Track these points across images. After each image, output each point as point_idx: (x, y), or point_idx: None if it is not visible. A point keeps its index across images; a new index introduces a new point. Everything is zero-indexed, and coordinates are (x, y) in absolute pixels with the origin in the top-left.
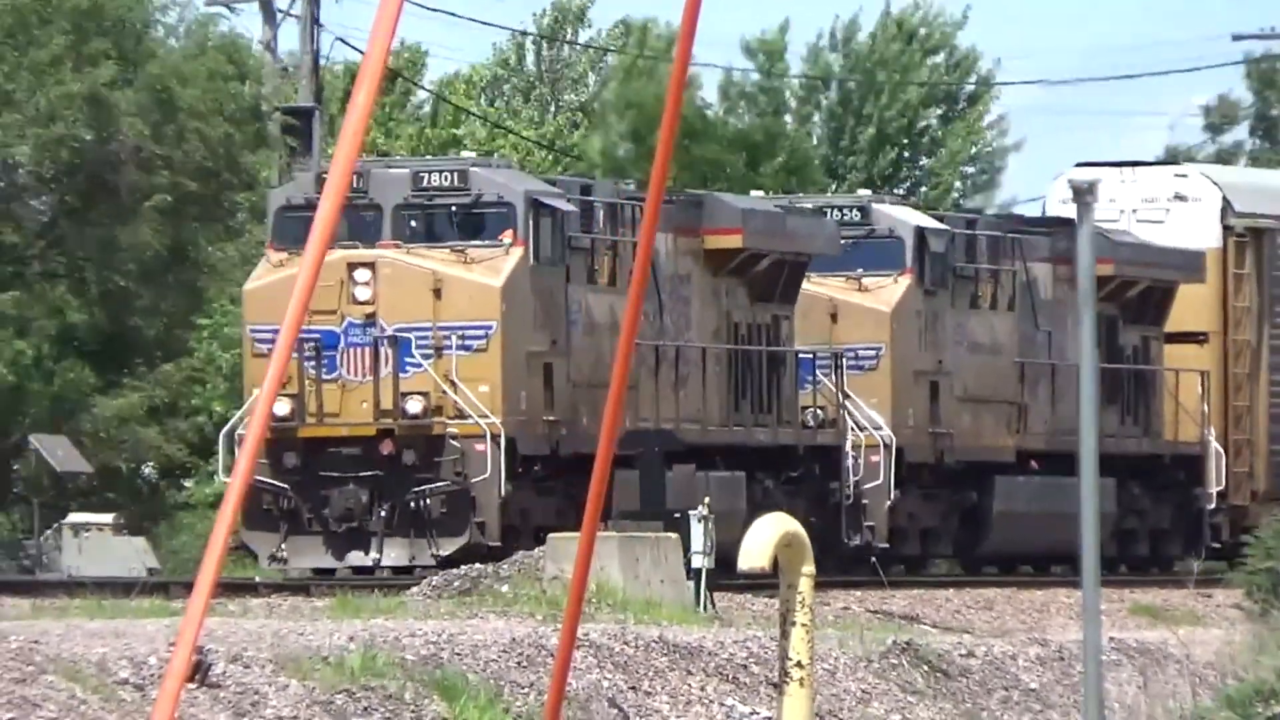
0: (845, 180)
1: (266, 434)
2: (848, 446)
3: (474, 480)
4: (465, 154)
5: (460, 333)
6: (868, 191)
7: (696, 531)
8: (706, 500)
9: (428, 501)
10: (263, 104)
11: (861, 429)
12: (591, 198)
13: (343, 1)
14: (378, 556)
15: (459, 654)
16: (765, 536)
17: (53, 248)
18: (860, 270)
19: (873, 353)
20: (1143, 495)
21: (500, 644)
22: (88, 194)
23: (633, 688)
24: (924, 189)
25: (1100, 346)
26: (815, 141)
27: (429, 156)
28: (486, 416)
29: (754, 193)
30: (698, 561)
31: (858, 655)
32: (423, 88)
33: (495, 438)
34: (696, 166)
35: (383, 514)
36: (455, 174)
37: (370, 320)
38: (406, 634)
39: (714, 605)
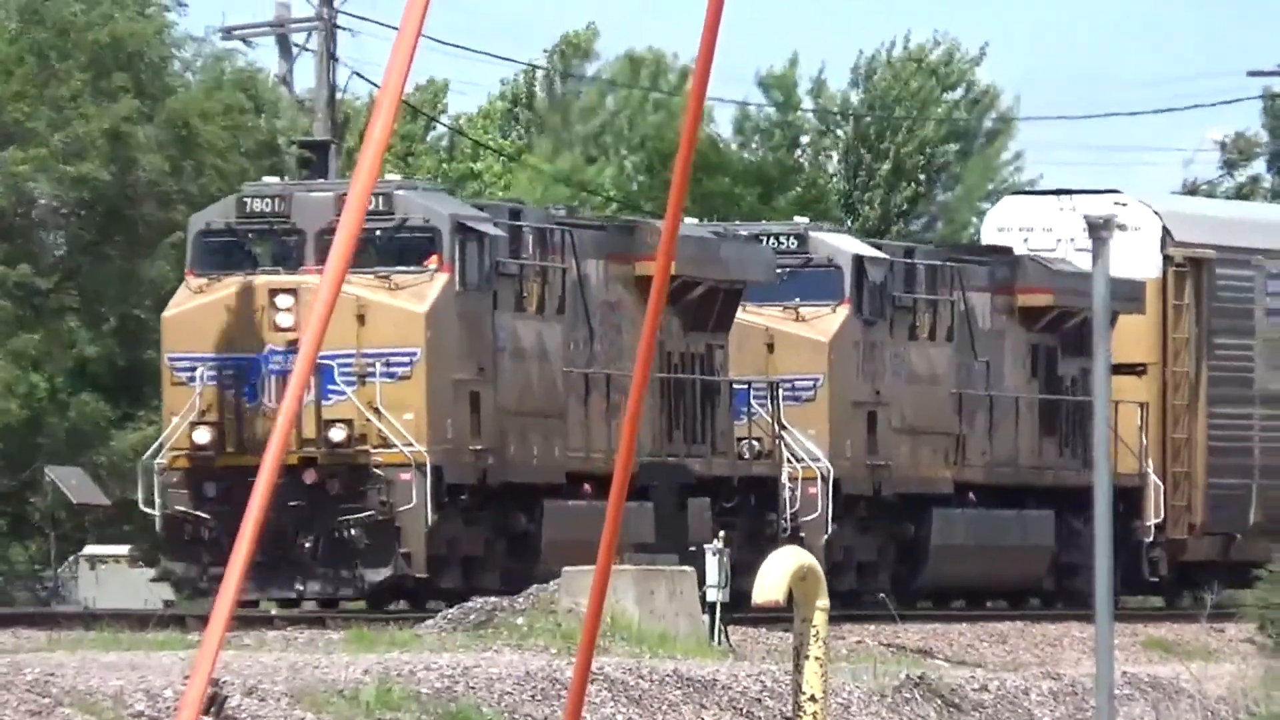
0: (859, 215)
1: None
2: (784, 478)
3: (399, 510)
4: (390, 176)
5: (384, 360)
6: (804, 219)
7: (711, 565)
8: (722, 534)
9: (352, 532)
10: (279, 138)
11: (799, 460)
12: (520, 222)
13: (358, 35)
14: (301, 588)
15: (473, 687)
16: (780, 571)
17: (68, 281)
18: (798, 299)
19: (810, 383)
20: (1082, 528)
21: (515, 677)
22: (105, 229)
23: None
24: (939, 224)
25: (1038, 378)
26: (831, 176)
27: (346, 177)
28: (411, 445)
29: (688, 219)
30: (713, 595)
31: (871, 689)
32: (440, 122)
33: (420, 467)
34: (709, 200)
35: (306, 545)
36: (380, 197)
37: (292, 347)
38: (421, 667)
39: (729, 639)
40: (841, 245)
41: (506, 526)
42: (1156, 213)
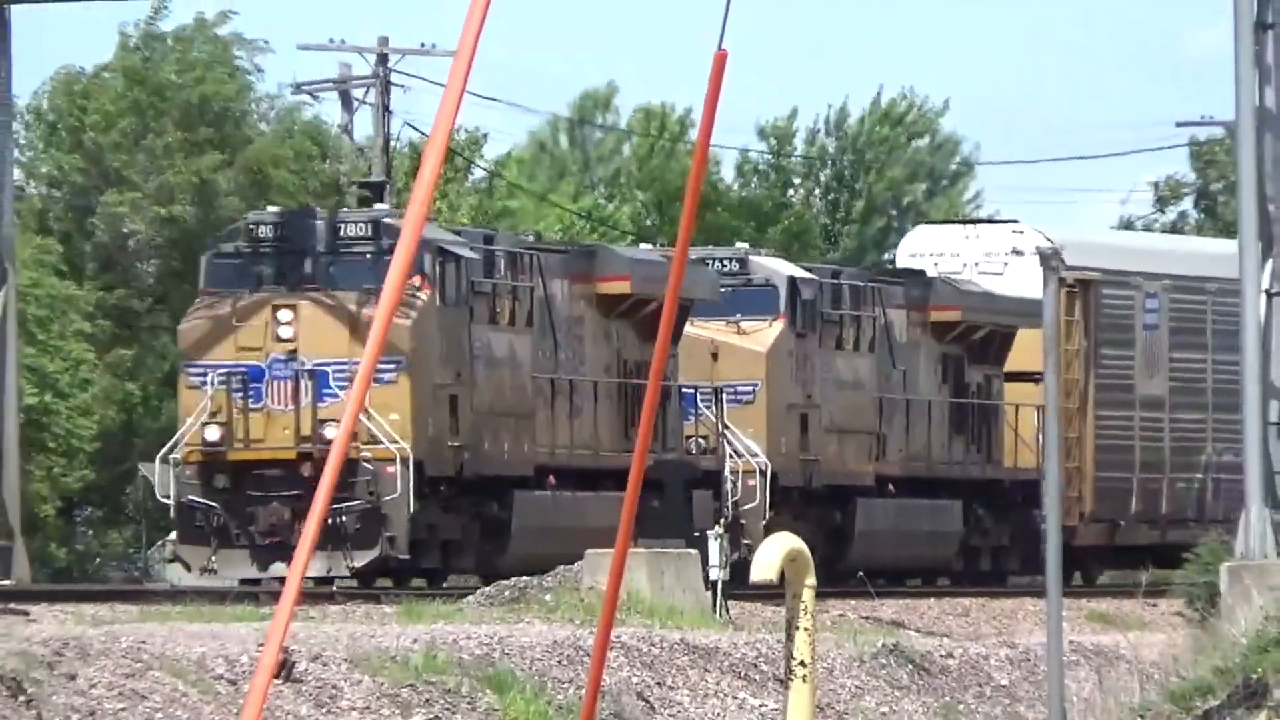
0: (840, 245)
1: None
2: (727, 471)
3: (385, 499)
4: (378, 207)
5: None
6: (745, 245)
7: (713, 548)
8: (722, 521)
9: (343, 518)
10: (341, 179)
11: (740, 456)
12: (493, 247)
13: (410, 91)
14: None
15: (508, 653)
16: (774, 553)
17: (159, 304)
18: (739, 315)
19: (750, 388)
20: (986, 516)
21: (544, 645)
22: (189, 259)
23: (658, 683)
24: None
25: (947, 383)
26: (815, 211)
27: (346, 209)
28: (396, 442)
29: (644, 245)
30: (714, 574)
31: (852, 656)
32: (480, 165)
33: (405, 461)
34: (710, 230)
35: (302, 529)
36: (369, 224)
37: (292, 356)
38: (463, 636)
39: (729, 612)
40: (777, 268)
41: (481, 514)
42: (1049, 240)
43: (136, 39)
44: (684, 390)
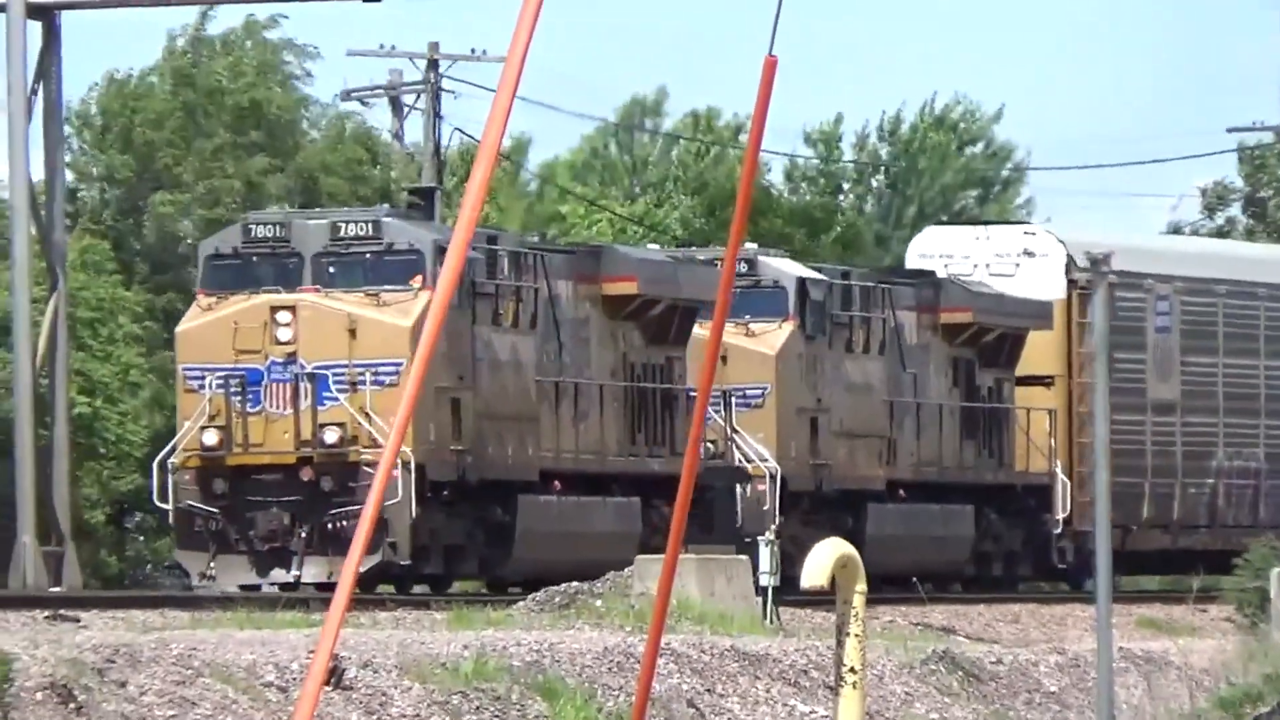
0: (891, 251)
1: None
2: None
3: (386, 504)
4: (379, 207)
5: (374, 369)
6: (754, 245)
7: (764, 554)
8: (773, 527)
9: (344, 523)
10: (391, 185)
11: (749, 460)
12: (497, 247)
13: (460, 97)
14: (298, 574)
15: (558, 660)
16: (824, 559)
17: None
18: (748, 317)
19: (759, 392)
20: (998, 521)
21: (594, 652)
22: None
23: (708, 690)
24: None
25: (959, 387)
26: (867, 218)
27: (346, 208)
28: None
29: (650, 246)
30: (765, 580)
31: (902, 662)
32: (529, 171)
33: (406, 465)
34: (762, 238)
35: (303, 535)
36: (370, 224)
37: (291, 358)
38: (513, 643)
39: (779, 618)
40: (787, 269)
41: (484, 519)
42: (1061, 241)
43: (184, 43)
44: (692, 394)
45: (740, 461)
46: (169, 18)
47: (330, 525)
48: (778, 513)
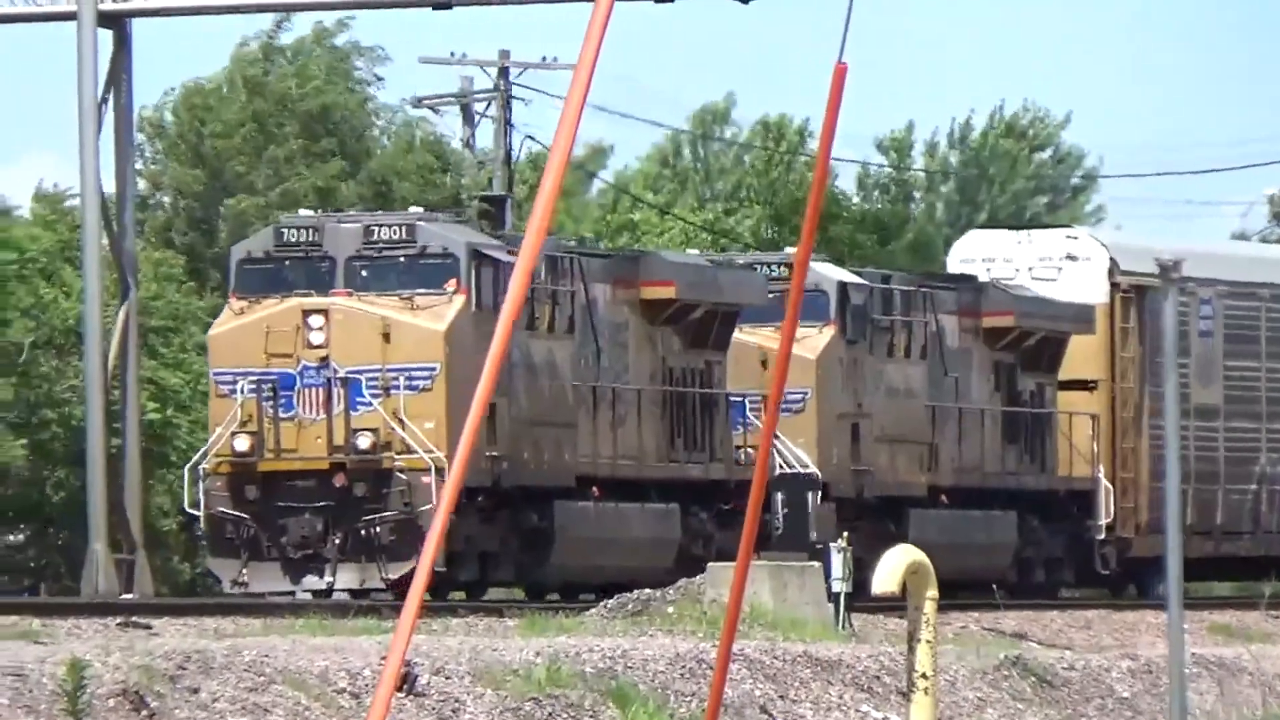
0: None
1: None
2: None
3: (420, 509)
4: (413, 209)
5: (407, 374)
6: (793, 250)
7: (836, 561)
8: (845, 534)
9: (377, 530)
10: (462, 192)
11: (790, 466)
12: None
13: (531, 104)
14: (331, 581)
15: (631, 667)
16: (895, 565)
17: None
18: None
19: (799, 396)
20: (1040, 527)
21: (667, 658)
22: None
23: (781, 696)
24: None
25: (1001, 392)
26: (938, 224)
27: (379, 212)
28: (431, 451)
29: (690, 250)
30: (837, 586)
31: (974, 668)
32: (602, 179)
33: (440, 470)
34: (833, 244)
35: (336, 541)
36: (403, 228)
37: (324, 363)
38: (586, 649)
39: (851, 624)
40: (827, 273)
41: (520, 525)
42: (1104, 245)
43: (255, 51)
44: (732, 399)
45: (780, 467)
46: (239, 25)
47: (363, 531)
48: (813, 520)
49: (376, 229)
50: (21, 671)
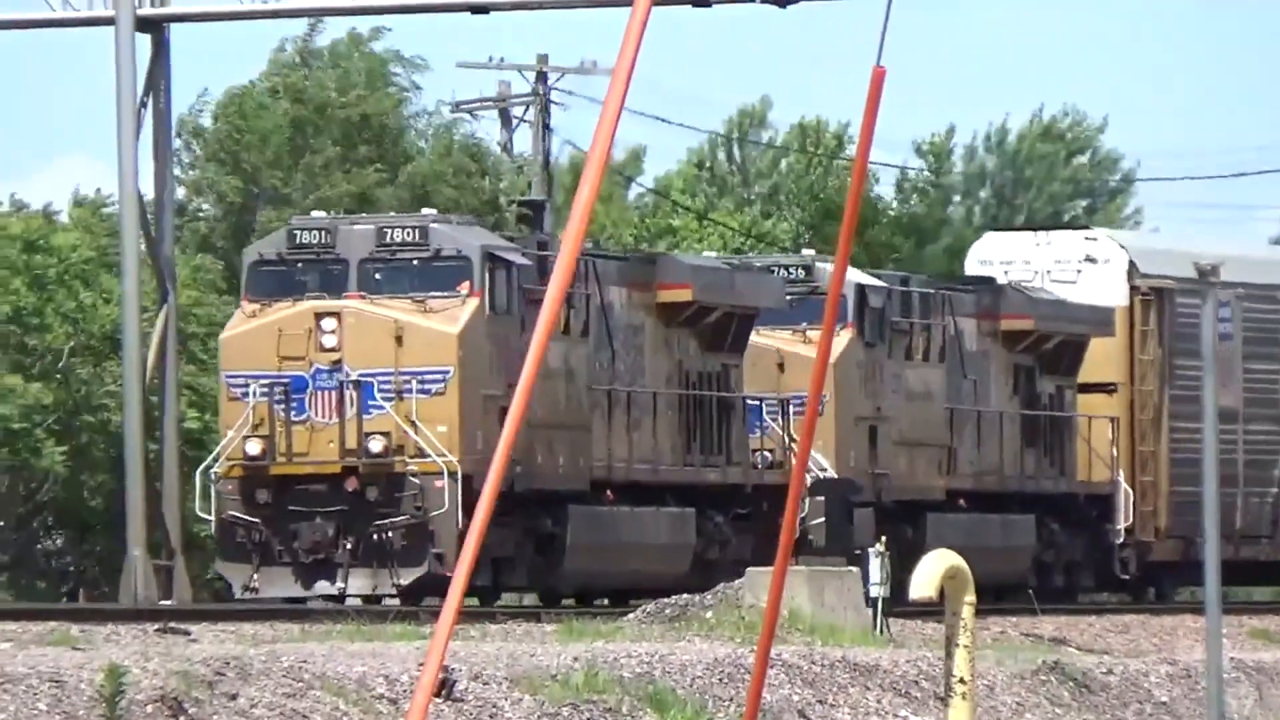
0: None
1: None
2: None
3: (432, 514)
4: (426, 211)
5: (420, 377)
6: (811, 252)
7: (874, 565)
8: (883, 538)
9: (389, 534)
10: (500, 197)
11: (807, 470)
12: (547, 253)
13: (569, 109)
14: (343, 586)
15: (669, 672)
16: (933, 570)
17: None
18: (805, 324)
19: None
20: (1059, 531)
21: (705, 663)
22: None
23: (819, 701)
24: None
25: (1019, 395)
26: (975, 228)
27: (393, 214)
28: (444, 455)
29: (707, 253)
30: (875, 591)
31: (1013, 673)
32: (640, 184)
33: (453, 475)
34: (870, 248)
35: (347, 546)
36: (416, 230)
37: (336, 366)
38: (623, 655)
39: (889, 629)
40: (845, 275)
41: (534, 529)
42: (1123, 247)
43: (292, 55)
44: (749, 402)
45: None
46: (277, 29)
47: (375, 536)
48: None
49: (389, 231)
50: (60, 678)
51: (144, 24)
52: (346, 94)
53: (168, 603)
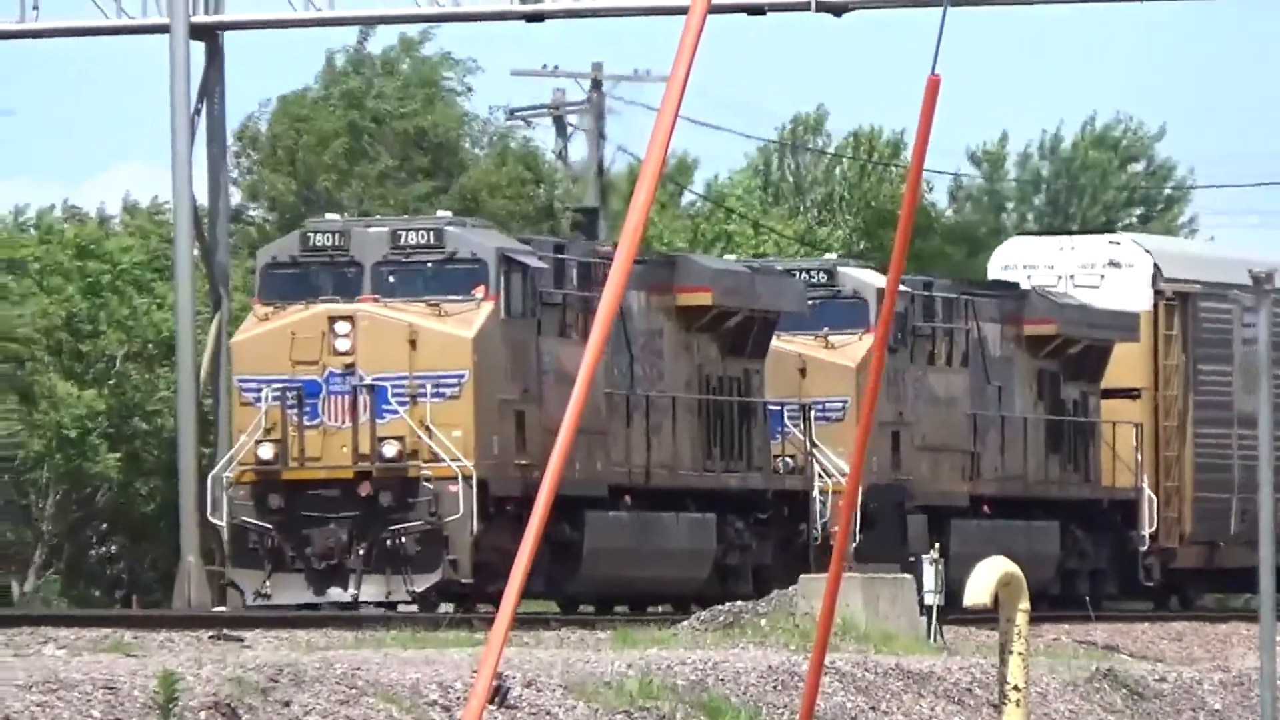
0: None
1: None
2: (815, 492)
3: (447, 520)
4: (441, 213)
5: (434, 381)
6: (833, 255)
7: (928, 573)
8: (937, 545)
9: (403, 540)
10: (555, 204)
11: (829, 475)
12: (565, 256)
13: (623, 116)
14: (356, 592)
15: (723, 679)
16: (987, 577)
17: None
18: (827, 329)
19: (839, 405)
20: (1084, 537)
21: (758, 670)
22: None
23: (873, 708)
24: None
25: (1043, 400)
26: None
27: (406, 216)
28: (459, 460)
29: (727, 256)
30: (929, 599)
31: (1066, 680)
32: (694, 192)
33: (467, 479)
34: (922, 257)
35: (360, 552)
36: (431, 233)
37: (350, 370)
38: (677, 662)
39: (943, 637)
40: (866, 279)
41: (551, 535)
42: (1148, 251)
43: (344, 61)
44: (771, 407)
45: (820, 476)
46: (326, 36)
47: (389, 542)
48: (858, 529)
49: (404, 234)
50: (114, 684)
51: (198, 31)
52: (403, 105)
53: (221, 609)
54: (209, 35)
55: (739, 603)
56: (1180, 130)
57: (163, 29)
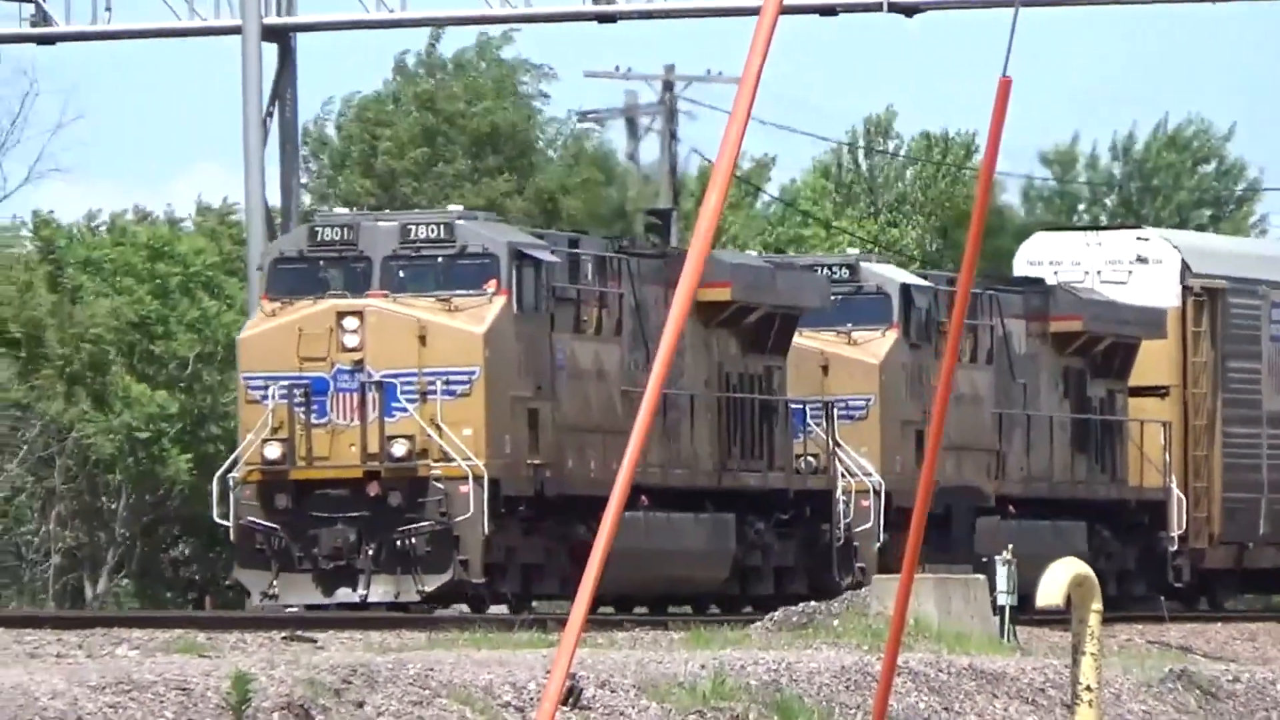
0: None
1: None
2: (838, 492)
3: (457, 520)
4: (452, 207)
5: (445, 378)
6: (855, 250)
7: (1001, 573)
8: (1010, 546)
9: (412, 540)
10: (628, 205)
11: (852, 475)
12: (579, 250)
13: (695, 118)
14: (365, 593)
15: (795, 679)
16: (1060, 578)
17: None
18: (849, 325)
19: (862, 403)
20: (1111, 538)
21: (831, 671)
22: None
23: (945, 709)
24: None
25: (1069, 398)
26: None
27: (416, 210)
28: (470, 459)
29: (748, 250)
30: (1002, 600)
31: (1139, 681)
32: (767, 193)
33: (478, 479)
34: (993, 257)
35: (369, 552)
36: (441, 226)
37: (358, 366)
38: (750, 662)
39: (1016, 637)
40: (890, 274)
41: (566, 536)
42: (1176, 247)
43: (415, 63)
44: (792, 405)
45: (843, 475)
46: (397, 38)
47: (398, 542)
48: (882, 529)
49: (414, 228)
50: (187, 685)
51: (270, 33)
52: (475, 104)
53: (293, 609)
54: (281, 37)
55: (812, 603)
56: (1249, 130)
57: (235, 30)
